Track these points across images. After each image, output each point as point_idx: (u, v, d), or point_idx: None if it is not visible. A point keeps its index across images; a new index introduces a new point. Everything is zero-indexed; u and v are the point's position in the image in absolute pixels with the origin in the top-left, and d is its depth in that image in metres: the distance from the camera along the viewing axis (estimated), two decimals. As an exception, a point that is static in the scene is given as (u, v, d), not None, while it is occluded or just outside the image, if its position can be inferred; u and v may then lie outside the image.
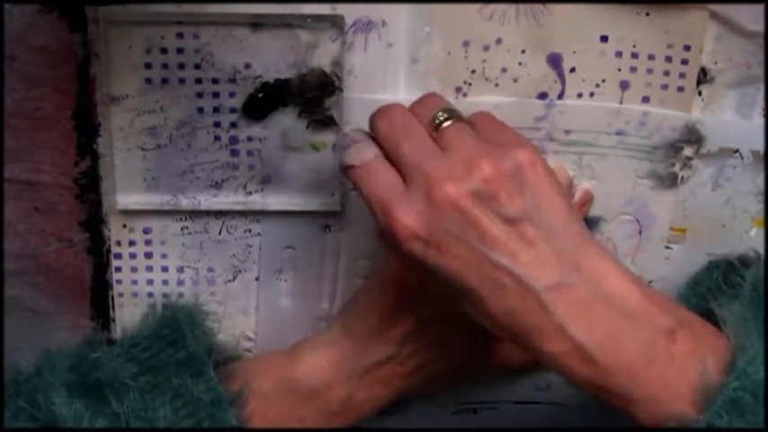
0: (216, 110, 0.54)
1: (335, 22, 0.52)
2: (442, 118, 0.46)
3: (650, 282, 0.60)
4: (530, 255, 0.43)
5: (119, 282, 0.58)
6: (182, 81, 0.53)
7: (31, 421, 0.49)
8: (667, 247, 0.59)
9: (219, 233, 0.57)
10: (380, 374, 0.55)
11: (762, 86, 0.55)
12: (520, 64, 0.54)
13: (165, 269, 0.58)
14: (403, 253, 0.44)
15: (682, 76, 0.55)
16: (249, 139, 0.55)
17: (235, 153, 0.55)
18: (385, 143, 0.46)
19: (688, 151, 0.56)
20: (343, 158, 0.47)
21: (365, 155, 0.46)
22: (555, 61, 0.54)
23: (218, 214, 0.57)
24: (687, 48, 0.54)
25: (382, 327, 0.54)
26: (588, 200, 0.57)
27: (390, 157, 0.46)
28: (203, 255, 0.58)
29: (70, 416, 0.48)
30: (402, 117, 0.46)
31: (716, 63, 0.54)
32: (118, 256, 0.57)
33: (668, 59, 0.54)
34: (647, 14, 0.53)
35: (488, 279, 0.43)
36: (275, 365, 0.55)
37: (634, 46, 0.54)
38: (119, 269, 0.58)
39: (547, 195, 0.44)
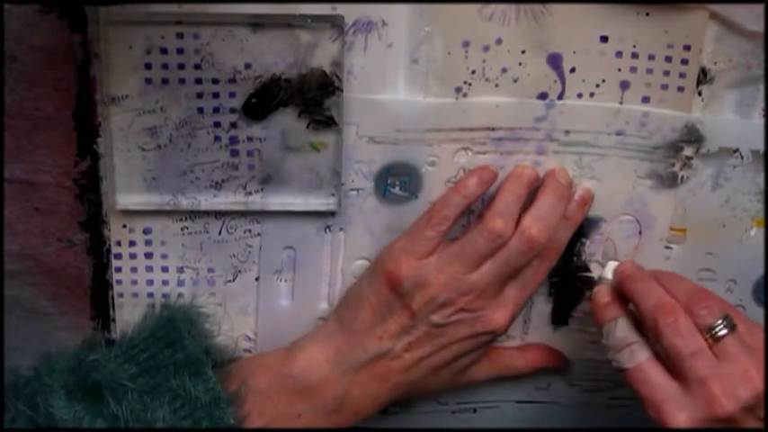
0: (216, 110, 0.54)
1: (335, 22, 0.52)
2: (720, 327, 0.51)
3: (650, 282, 0.60)
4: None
5: (119, 282, 0.58)
6: (182, 81, 0.53)
7: (31, 424, 0.49)
8: (667, 247, 0.59)
9: (219, 233, 0.57)
10: (376, 370, 0.55)
11: (762, 86, 0.55)
12: (520, 64, 0.54)
13: (165, 269, 0.58)
14: None
15: (682, 76, 0.55)
16: (249, 139, 0.55)
17: (235, 153, 0.55)
18: (669, 349, 0.51)
19: (688, 151, 0.56)
20: (618, 361, 0.53)
21: (638, 358, 0.53)
22: (555, 61, 0.54)
23: (218, 214, 0.57)
24: (687, 48, 0.54)
25: (376, 321, 0.55)
26: (588, 199, 0.57)
27: (666, 353, 0.52)
28: (203, 255, 0.58)
29: (69, 418, 0.48)
30: (687, 329, 0.51)
31: (716, 63, 0.54)
32: (118, 256, 0.57)
33: (668, 59, 0.54)
34: (647, 14, 0.53)
35: None
36: (272, 363, 0.55)
37: (634, 46, 0.54)
38: (119, 269, 0.57)
39: None
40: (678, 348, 0.51)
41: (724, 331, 0.51)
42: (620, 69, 0.54)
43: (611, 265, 0.57)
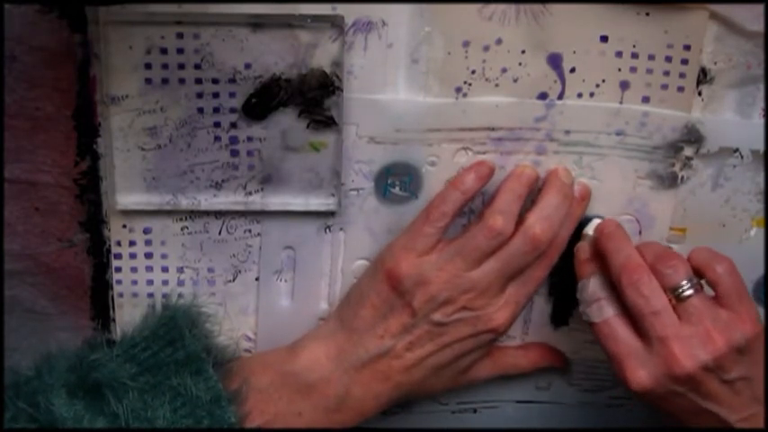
0: (216, 110, 0.54)
1: (335, 22, 0.52)
2: (685, 288, 0.52)
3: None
4: (735, 400, 0.52)
5: (119, 282, 0.58)
6: (182, 81, 0.53)
7: (31, 423, 0.49)
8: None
9: (219, 233, 0.57)
10: (378, 369, 0.55)
11: (762, 86, 0.55)
12: (520, 64, 0.54)
13: (165, 269, 0.58)
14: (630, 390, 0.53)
15: (682, 76, 0.55)
16: (249, 139, 0.55)
17: (235, 153, 0.55)
18: (632, 307, 0.52)
19: (688, 151, 0.56)
20: (587, 315, 0.55)
21: (605, 313, 0.54)
22: (555, 61, 0.54)
23: (218, 214, 0.57)
24: (687, 48, 0.54)
25: (377, 320, 0.55)
26: (587, 194, 0.57)
27: (631, 311, 0.53)
28: (203, 255, 0.58)
29: (70, 417, 0.48)
30: (649, 288, 0.52)
31: (716, 63, 0.54)
32: (118, 256, 0.57)
33: (668, 59, 0.54)
34: (647, 14, 0.53)
35: (697, 416, 0.52)
36: (273, 361, 0.56)
37: (634, 46, 0.54)
38: (119, 269, 0.57)
39: (759, 357, 0.52)
40: (640, 307, 0.52)
41: (689, 292, 0.52)
42: (620, 69, 0.54)
43: (595, 221, 0.57)
